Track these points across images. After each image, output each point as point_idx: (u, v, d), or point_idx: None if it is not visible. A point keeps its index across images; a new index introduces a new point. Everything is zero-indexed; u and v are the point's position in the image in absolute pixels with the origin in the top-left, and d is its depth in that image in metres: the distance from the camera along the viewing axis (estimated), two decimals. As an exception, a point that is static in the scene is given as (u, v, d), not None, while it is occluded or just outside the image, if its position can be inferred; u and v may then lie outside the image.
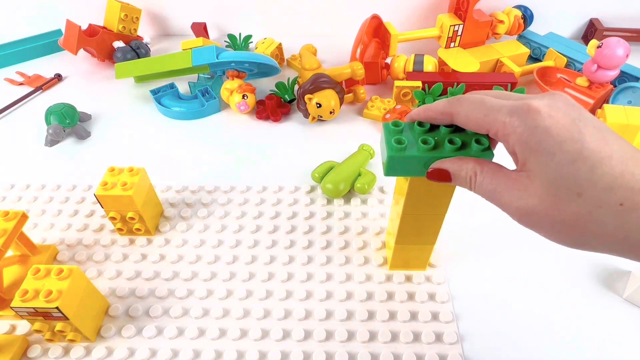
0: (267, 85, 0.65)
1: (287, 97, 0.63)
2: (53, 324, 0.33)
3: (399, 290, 0.39)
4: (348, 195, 0.48)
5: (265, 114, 0.60)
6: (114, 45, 0.70)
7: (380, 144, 0.29)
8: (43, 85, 0.67)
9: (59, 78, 0.69)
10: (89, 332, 0.35)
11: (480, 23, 0.66)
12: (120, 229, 0.43)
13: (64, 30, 0.68)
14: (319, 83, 0.55)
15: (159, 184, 0.49)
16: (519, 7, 0.70)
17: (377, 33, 0.66)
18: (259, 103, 0.61)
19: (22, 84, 0.68)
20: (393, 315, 0.37)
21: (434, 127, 0.28)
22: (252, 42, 0.76)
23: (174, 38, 0.80)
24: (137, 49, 0.71)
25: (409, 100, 0.60)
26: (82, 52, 0.72)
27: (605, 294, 0.38)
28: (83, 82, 0.69)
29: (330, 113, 0.56)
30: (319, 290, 0.39)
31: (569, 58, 0.64)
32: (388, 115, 0.56)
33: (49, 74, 0.70)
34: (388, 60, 0.66)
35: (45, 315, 0.32)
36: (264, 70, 0.66)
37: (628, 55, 0.54)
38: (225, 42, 0.75)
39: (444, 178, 0.26)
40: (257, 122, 0.60)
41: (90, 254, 0.42)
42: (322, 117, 0.57)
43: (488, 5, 0.70)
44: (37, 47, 0.74)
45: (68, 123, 0.56)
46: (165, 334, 0.36)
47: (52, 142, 0.56)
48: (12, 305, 0.31)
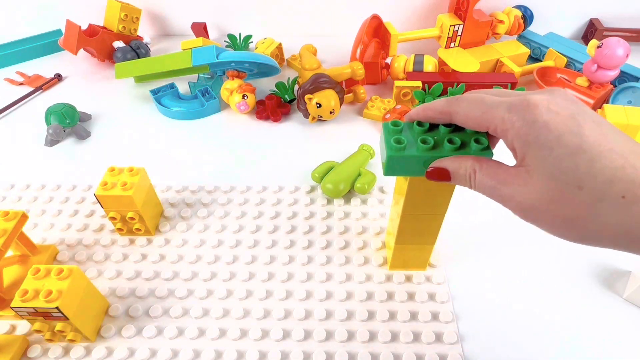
0: (267, 85, 0.65)
1: (287, 97, 0.63)
2: (53, 324, 0.33)
3: (399, 290, 0.39)
4: (348, 195, 0.48)
5: (265, 114, 0.60)
6: (114, 45, 0.70)
7: (380, 144, 0.29)
8: (43, 85, 0.67)
9: (59, 78, 0.69)
10: (89, 332, 0.35)
11: (480, 23, 0.66)
12: (120, 229, 0.43)
13: (64, 30, 0.68)
14: (319, 83, 0.55)
15: (159, 184, 0.49)
16: (519, 7, 0.70)
17: (377, 33, 0.66)
18: (259, 103, 0.61)
19: (22, 84, 0.68)
20: (393, 315, 0.37)
21: (434, 126, 0.28)
22: (252, 42, 0.76)
23: (174, 38, 0.80)
24: (137, 49, 0.71)
25: (409, 100, 0.60)
26: (82, 52, 0.72)
27: (605, 294, 0.38)
28: (83, 82, 0.69)
29: (330, 113, 0.56)
30: (319, 290, 0.39)
31: (569, 58, 0.64)
32: (388, 115, 0.56)
33: (49, 74, 0.70)
34: (388, 60, 0.66)
35: (45, 315, 0.32)
36: (264, 70, 0.66)
37: (628, 55, 0.54)
38: (225, 42, 0.75)
39: (443, 177, 0.26)
40: (257, 122, 0.60)
41: (90, 254, 0.42)
42: (322, 117, 0.57)
43: (488, 5, 0.70)
44: (37, 47, 0.74)
45: (68, 123, 0.56)
46: (165, 334, 0.36)
47: (52, 142, 0.56)
48: (12, 305, 0.31)
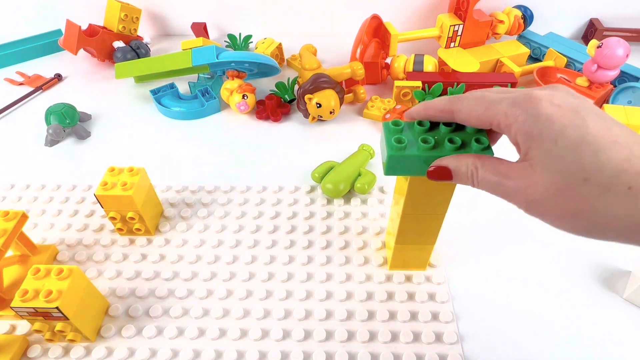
0: (267, 85, 0.65)
1: (287, 97, 0.63)
2: (53, 324, 0.33)
3: (399, 290, 0.39)
4: (348, 195, 0.48)
5: (265, 114, 0.60)
6: (114, 45, 0.70)
7: (380, 144, 0.29)
8: (43, 85, 0.67)
9: (59, 78, 0.69)
10: (89, 332, 0.35)
11: (480, 23, 0.66)
12: (120, 229, 0.43)
13: (64, 30, 0.68)
14: (319, 83, 0.55)
15: (159, 184, 0.49)
16: (519, 7, 0.70)
17: (377, 33, 0.66)
18: (259, 103, 0.61)
19: (22, 84, 0.68)
20: (393, 315, 0.37)
21: (434, 126, 0.28)
22: (252, 42, 0.76)
23: (174, 38, 0.80)
24: (137, 49, 0.71)
25: (409, 100, 0.60)
26: (82, 52, 0.72)
27: (605, 294, 0.38)
28: (83, 82, 0.69)
29: (330, 113, 0.56)
30: (319, 290, 0.39)
31: (569, 58, 0.64)
32: (388, 115, 0.56)
33: (49, 74, 0.70)
34: (388, 60, 0.66)
35: (45, 315, 0.32)
36: (264, 70, 0.66)
37: (628, 55, 0.54)
38: (225, 42, 0.75)
39: (445, 176, 0.26)
40: (257, 122, 0.60)
41: (90, 254, 0.42)
42: (322, 117, 0.57)
43: (488, 5, 0.70)
44: (37, 47, 0.74)
45: (68, 123, 0.56)
46: (165, 334, 0.36)
47: (52, 142, 0.56)
48: (12, 305, 0.31)
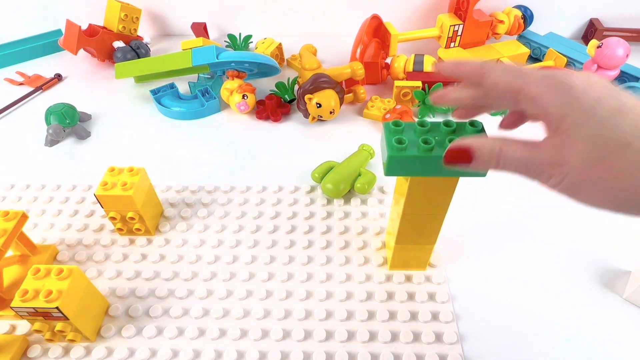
0: (267, 85, 0.65)
1: (287, 97, 0.63)
2: (53, 324, 0.33)
3: (399, 290, 0.39)
4: (348, 195, 0.48)
5: (265, 114, 0.60)
6: (114, 45, 0.70)
7: (381, 144, 0.29)
8: (43, 85, 0.67)
9: (59, 78, 0.69)
10: (89, 332, 0.35)
11: (480, 23, 0.66)
12: (120, 229, 0.43)
13: (64, 30, 0.68)
14: (319, 83, 0.55)
15: (159, 184, 0.49)
16: (519, 7, 0.70)
17: (377, 33, 0.66)
18: (259, 103, 0.61)
19: (22, 84, 0.68)
20: (393, 315, 0.37)
21: (434, 126, 0.28)
22: (252, 42, 0.76)
23: (174, 38, 0.80)
24: (137, 49, 0.71)
25: (409, 100, 0.60)
26: (82, 52, 0.72)
27: (605, 294, 0.38)
28: (83, 82, 0.69)
29: (330, 113, 0.56)
30: (319, 290, 0.39)
31: (569, 58, 0.64)
32: (388, 115, 0.56)
33: (49, 74, 0.70)
34: (388, 60, 0.66)
35: (45, 315, 0.32)
36: (264, 70, 0.65)
37: (628, 55, 0.54)
38: (225, 42, 0.75)
39: (464, 158, 0.24)
40: (257, 122, 0.60)
41: (90, 254, 0.42)
42: (322, 117, 0.57)
43: (488, 5, 0.70)
44: (37, 47, 0.74)
45: (68, 123, 0.56)
46: (165, 334, 0.36)
47: (52, 142, 0.56)
48: (12, 305, 0.31)
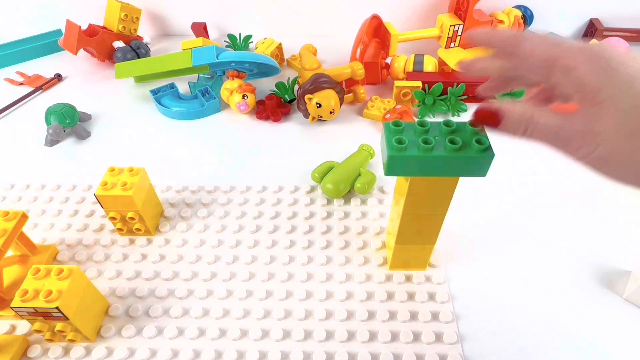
0: (267, 85, 0.65)
1: (287, 97, 0.63)
2: (53, 324, 0.33)
3: (399, 290, 0.39)
4: (348, 195, 0.48)
5: (265, 114, 0.60)
6: (114, 45, 0.70)
7: (381, 144, 0.30)
8: (43, 85, 0.67)
9: (59, 78, 0.69)
10: (89, 332, 0.35)
11: (480, 23, 0.66)
12: (120, 229, 0.43)
13: (64, 30, 0.68)
14: (319, 83, 0.55)
15: (159, 184, 0.49)
16: (519, 7, 0.70)
17: (377, 33, 0.66)
18: (259, 103, 0.61)
19: (22, 84, 0.68)
20: (393, 315, 0.37)
21: (434, 126, 0.28)
22: (252, 42, 0.76)
23: (174, 38, 0.80)
24: (137, 49, 0.71)
25: (409, 100, 0.60)
26: (82, 52, 0.72)
27: (605, 294, 0.38)
28: (83, 82, 0.69)
29: (330, 113, 0.56)
30: (319, 290, 0.39)
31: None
32: (388, 115, 0.56)
33: (49, 74, 0.70)
34: (388, 60, 0.66)
35: (45, 315, 0.32)
36: (264, 70, 0.65)
37: (628, 55, 0.54)
38: (225, 42, 0.75)
39: (493, 120, 0.24)
40: (257, 122, 0.60)
41: (90, 254, 0.42)
42: (322, 117, 0.57)
43: (488, 5, 0.70)
44: (37, 47, 0.74)
45: (68, 123, 0.56)
46: (165, 334, 0.36)
47: (52, 142, 0.56)
48: (12, 305, 0.31)
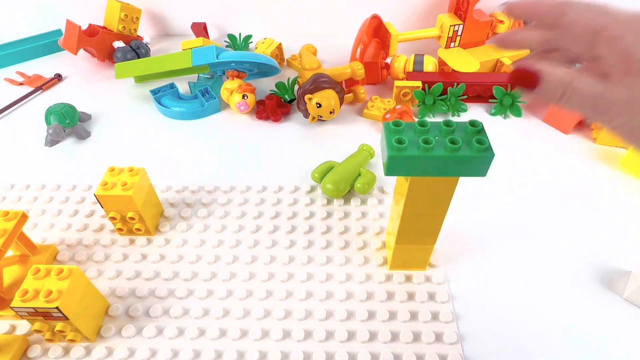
0: (267, 85, 0.65)
1: (287, 97, 0.63)
2: (53, 324, 0.33)
3: (399, 290, 0.39)
4: (348, 195, 0.48)
5: (265, 114, 0.60)
6: (114, 45, 0.70)
7: (381, 144, 0.30)
8: (43, 85, 0.67)
9: (59, 78, 0.69)
10: (89, 332, 0.35)
11: (480, 23, 0.66)
12: (120, 229, 0.43)
13: (64, 30, 0.68)
14: (319, 83, 0.55)
15: (159, 184, 0.49)
16: (519, 7, 0.70)
17: (377, 33, 0.66)
18: (259, 103, 0.61)
19: (22, 84, 0.68)
20: (393, 315, 0.37)
21: (434, 126, 0.28)
22: (252, 42, 0.76)
23: (174, 38, 0.80)
24: (137, 49, 0.71)
25: (409, 100, 0.60)
26: (82, 52, 0.72)
27: (605, 294, 0.38)
28: (83, 82, 0.69)
29: (330, 113, 0.56)
30: (319, 290, 0.39)
31: (569, 58, 0.64)
32: (388, 115, 0.56)
33: (49, 74, 0.70)
34: (388, 60, 0.66)
35: (45, 315, 0.32)
36: (264, 70, 0.65)
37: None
38: (225, 42, 0.75)
39: (530, 82, 0.23)
40: (257, 122, 0.60)
41: (90, 254, 0.42)
42: (322, 117, 0.57)
43: (488, 5, 0.70)
44: (37, 47, 0.74)
45: (68, 123, 0.56)
46: (165, 334, 0.36)
47: (52, 142, 0.56)
48: (12, 305, 0.31)
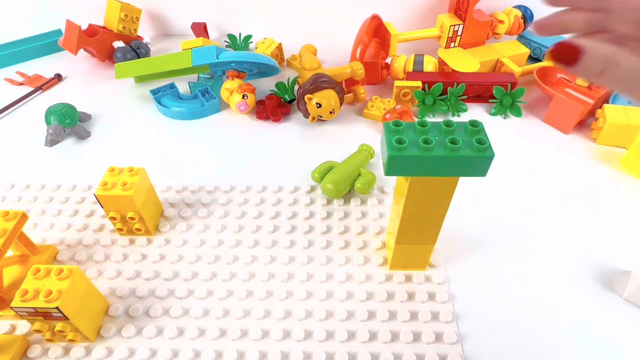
0: (267, 85, 0.65)
1: (287, 97, 0.63)
2: (53, 324, 0.33)
3: (399, 290, 0.39)
4: (348, 195, 0.48)
5: (265, 114, 0.60)
6: (114, 45, 0.70)
7: (381, 144, 0.30)
8: (43, 85, 0.67)
9: (59, 78, 0.69)
10: (89, 332, 0.35)
11: (480, 23, 0.66)
12: (120, 229, 0.43)
13: (64, 30, 0.68)
14: (319, 83, 0.55)
15: (159, 184, 0.49)
16: (519, 7, 0.70)
17: (377, 33, 0.66)
18: (259, 103, 0.61)
19: (22, 84, 0.68)
20: (393, 315, 0.37)
21: (434, 126, 0.28)
22: (252, 42, 0.76)
23: (174, 38, 0.80)
24: (137, 49, 0.71)
25: (409, 100, 0.60)
26: (82, 52, 0.72)
27: (605, 294, 0.38)
28: (83, 82, 0.69)
29: (330, 113, 0.56)
30: (319, 290, 0.39)
31: (569, 58, 0.64)
32: (388, 115, 0.56)
33: (49, 74, 0.70)
34: (388, 60, 0.66)
35: (45, 315, 0.32)
36: (264, 70, 0.65)
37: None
38: (225, 42, 0.75)
39: (571, 57, 0.22)
40: (257, 122, 0.60)
41: (90, 254, 0.42)
42: (322, 117, 0.57)
43: (488, 5, 0.70)
44: (37, 47, 0.74)
45: (68, 123, 0.56)
46: (165, 334, 0.36)
47: (52, 142, 0.56)
48: (12, 305, 0.31)
